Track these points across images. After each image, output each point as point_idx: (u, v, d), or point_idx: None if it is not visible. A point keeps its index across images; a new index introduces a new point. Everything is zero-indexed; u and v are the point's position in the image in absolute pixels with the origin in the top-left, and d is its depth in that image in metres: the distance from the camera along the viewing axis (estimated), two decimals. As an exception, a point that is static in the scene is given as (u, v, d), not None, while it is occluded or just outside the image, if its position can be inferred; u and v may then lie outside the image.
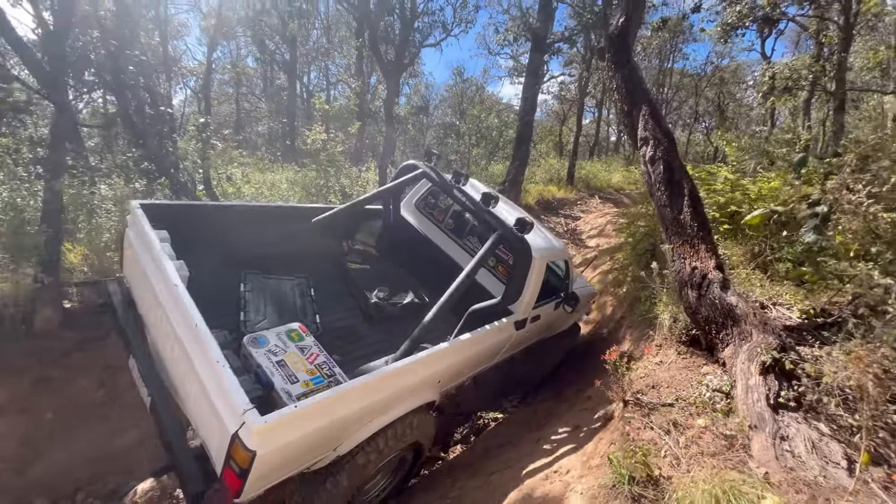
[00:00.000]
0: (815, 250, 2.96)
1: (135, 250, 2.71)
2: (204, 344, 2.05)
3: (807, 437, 1.94)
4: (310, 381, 2.41)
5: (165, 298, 2.36)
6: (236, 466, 1.86)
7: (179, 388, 2.34)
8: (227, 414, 1.88)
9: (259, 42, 18.94)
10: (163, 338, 2.46)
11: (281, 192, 8.69)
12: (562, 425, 3.55)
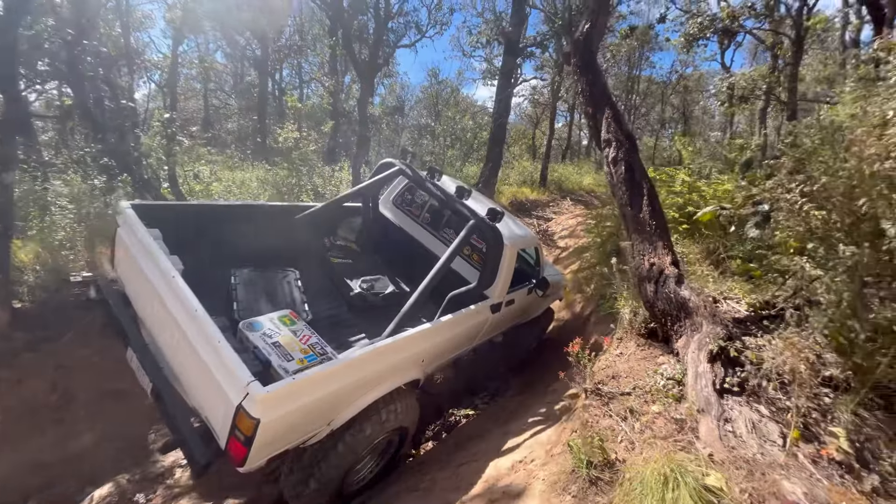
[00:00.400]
0: (759, 246, 3.17)
1: (129, 248, 2.85)
2: (205, 326, 2.24)
3: (748, 418, 2.08)
4: (304, 358, 2.63)
5: (164, 290, 2.52)
6: (241, 435, 2.04)
7: (180, 374, 2.51)
8: (231, 387, 2.07)
9: (229, 37, 18.46)
10: (160, 328, 2.64)
11: (251, 190, 8.51)
12: (528, 417, 3.65)
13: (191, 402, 2.45)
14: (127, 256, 2.89)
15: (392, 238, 4.79)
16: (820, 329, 2.04)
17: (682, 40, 17.77)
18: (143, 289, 2.73)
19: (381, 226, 4.85)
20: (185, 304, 2.36)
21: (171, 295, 2.47)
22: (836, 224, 2.11)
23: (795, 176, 2.24)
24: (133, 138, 7.56)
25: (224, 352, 2.13)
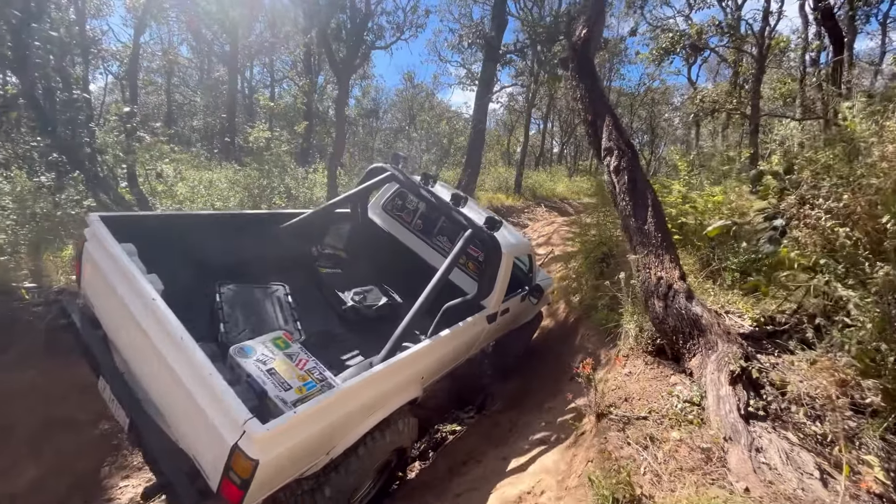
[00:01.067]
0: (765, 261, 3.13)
1: (98, 265, 2.52)
2: (192, 357, 1.99)
3: (780, 448, 1.96)
4: (302, 386, 2.37)
5: (142, 314, 2.22)
6: (237, 478, 1.83)
7: (161, 406, 2.22)
8: (225, 425, 1.85)
9: (195, 30, 17.58)
10: (137, 355, 2.35)
11: (220, 191, 7.99)
12: (527, 439, 3.45)
13: (175, 438, 2.18)
14: (97, 275, 2.54)
15: (382, 246, 4.60)
16: (851, 351, 1.95)
17: (653, 53, 18.38)
18: (117, 312, 2.41)
19: (371, 233, 4.66)
20: (168, 331, 2.09)
21: (151, 321, 2.18)
22: (860, 241, 2.03)
23: (816, 191, 2.16)
24: (87, 133, 6.92)
25: (216, 385, 1.89)
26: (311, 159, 15.08)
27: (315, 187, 11.35)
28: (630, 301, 3.30)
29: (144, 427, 2.19)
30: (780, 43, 14.51)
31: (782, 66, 18.50)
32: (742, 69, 17.39)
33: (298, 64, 19.89)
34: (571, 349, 5.32)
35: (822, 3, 9.80)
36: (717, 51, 19.32)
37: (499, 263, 3.57)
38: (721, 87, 19.16)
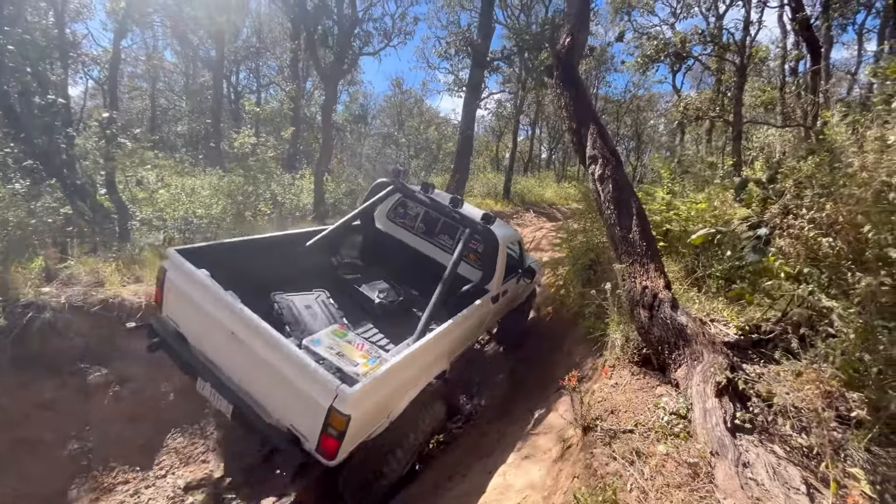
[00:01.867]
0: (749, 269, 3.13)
1: (183, 290, 3.05)
2: (285, 348, 2.57)
3: (767, 462, 1.93)
4: (366, 362, 3.05)
5: (236, 323, 2.76)
6: (334, 431, 2.36)
7: (254, 393, 2.77)
8: (321, 393, 2.40)
9: (180, 35, 17.36)
10: (228, 356, 2.89)
11: (202, 198, 7.82)
12: (512, 452, 3.39)
13: (270, 415, 2.69)
14: (182, 297, 3.08)
15: (392, 249, 5.18)
16: (836, 362, 1.93)
17: (639, 61, 18.68)
18: (207, 324, 2.94)
19: (380, 240, 5.26)
20: (261, 332, 2.66)
21: (244, 326, 2.73)
22: (843, 251, 2.02)
23: (800, 200, 2.16)
24: (65, 139, 6.74)
25: (309, 364, 2.49)
26: (297, 165, 14.93)
27: (302, 193, 11.22)
28: (616, 310, 3.27)
29: (246, 410, 2.72)
30: (759, 52, 14.85)
31: (762, 75, 18.95)
32: (724, 77, 17.76)
33: (285, 69, 19.77)
34: (560, 357, 5.29)
35: (799, 14, 10.03)
36: (700, 59, 19.75)
37: (496, 252, 4.24)
38: (704, 95, 19.55)
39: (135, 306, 4.24)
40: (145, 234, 6.72)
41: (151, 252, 5.32)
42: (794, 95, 12.72)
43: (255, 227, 7.42)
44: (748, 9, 15.87)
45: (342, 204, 12.16)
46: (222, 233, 6.93)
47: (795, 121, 11.38)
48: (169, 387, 4.10)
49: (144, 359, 4.15)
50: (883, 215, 2.00)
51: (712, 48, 17.55)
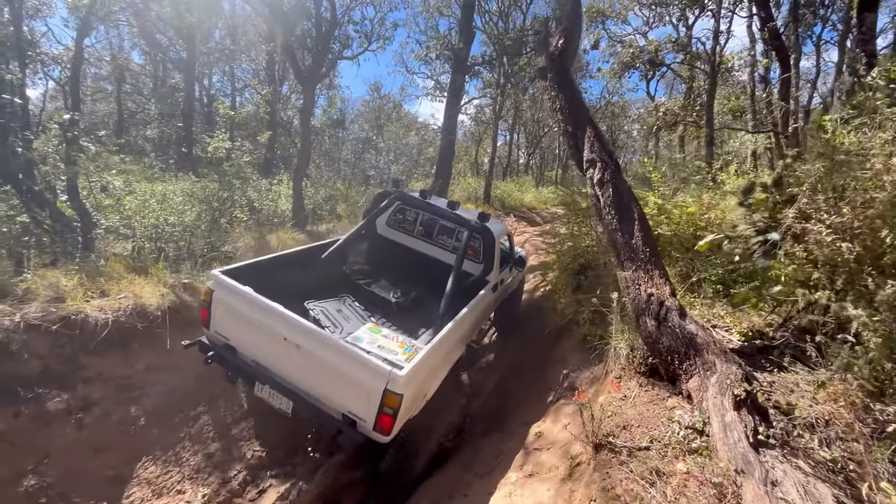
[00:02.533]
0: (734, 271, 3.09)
1: (233, 306, 3.41)
2: (339, 346, 3.03)
3: (796, 480, 1.84)
4: (404, 350, 3.60)
5: (290, 330, 3.15)
6: (390, 409, 2.80)
7: (308, 389, 3.17)
8: (376, 378, 2.83)
9: (148, 35, 16.67)
10: (281, 360, 3.26)
11: (174, 205, 7.40)
12: (514, 470, 3.23)
13: (326, 405, 3.12)
14: (231, 313, 3.43)
15: (395, 252, 5.72)
16: (863, 372, 1.86)
17: (614, 68, 19.08)
18: (259, 334, 3.32)
19: (384, 245, 5.81)
20: (315, 334, 3.11)
21: (298, 331, 3.13)
22: (862, 256, 1.96)
23: (815, 205, 2.09)
24: (22, 142, 6.25)
25: (362, 356, 2.96)
26: (274, 170, 14.49)
27: (279, 199, 10.85)
28: (619, 318, 3.17)
29: (305, 404, 3.15)
30: (729, 61, 15.37)
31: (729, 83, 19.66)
32: (696, 84, 18.32)
33: (261, 72, 19.26)
34: (553, 365, 5.17)
35: (769, 24, 10.38)
36: (672, 67, 20.36)
37: (493, 246, 4.86)
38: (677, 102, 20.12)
39: (100, 323, 3.89)
40: (111, 244, 6.28)
41: (119, 263, 4.94)
42: (765, 102, 13.17)
43: (231, 234, 7.07)
44: (717, 19, 16.44)
45: (321, 210, 11.84)
46: (196, 241, 6.56)
47: (767, 126, 11.77)
48: (139, 410, 3.76)
49: (112, 381, 3.82)
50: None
51: (683, 57, 18.13)
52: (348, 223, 10.89)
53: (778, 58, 11.33)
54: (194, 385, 4.23)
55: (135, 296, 4.37)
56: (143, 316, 4.22)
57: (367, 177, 19.41)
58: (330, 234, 8.82)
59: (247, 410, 4.30)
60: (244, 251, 6.41)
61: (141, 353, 4.14)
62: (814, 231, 2.13)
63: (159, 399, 3.94)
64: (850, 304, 1.99)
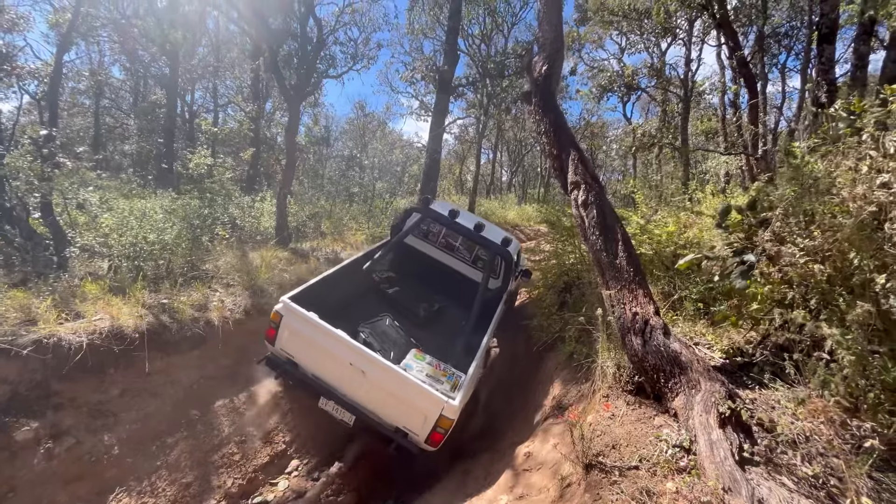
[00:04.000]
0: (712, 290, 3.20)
1: (299, 330, 3.86)
2: (401, 376, 3.65)
3: (781, 497, 1.88)
4: (447, 379, 4.11)
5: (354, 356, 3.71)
6: (441, 429, 3.55)
7: (369, 405, 3.79)
8: (433, 405, 3.53)
9: (130, 51, 16.53)
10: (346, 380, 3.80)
11: (154, 222, 7.24)
12: (505, 492, 3.20)
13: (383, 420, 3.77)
14: (298, 335, 3.88)
15: (419, 261, 6.37)
16: (839, 389, 1.93)
17: (593, 91, 19.77)
18: (325, 356, 3.84)
19: (410, 253, 6.38)
20: (380, 364, 3.67)
21: (364, 361, 3.68)
22: (833, 277, 2.06)
23: (788, 228, 2.20)
24: (-7, 157, 6.04)
25: (424, 387, 3.61)
26: (257, 187, 14.35)
27: (263, 216, 10.73)
28: (606, 337, 3.22)
29: (365, 418, 3.77)
30: (701, 86, 16.14)
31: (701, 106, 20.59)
32: (669, 108, 19.12)
33: (245, 89, 19.23)
34: (541, 383, 5.18)
35: (737, 53, 10.96)
36: (647, 91, 21.23)
37: (511, 266, 5.74)
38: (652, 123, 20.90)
39: (74, 347, 3.74)
40: (87, 263, 6.08)
41: (95, 283, 4.78)
42: (736, 126, 13.81)
43: (213, 252, 6.93)
44: (688, 47, 17.30)
45: (305, 227, 11.74)
46: (177, 259, 6.41)
47: (738, 148, 12.32)
48: (113, 438, 3.60)
49: (84, 407, 3.66)
50: (866, 242, 2.08)
51: (657, 81, 18.95)
52: (332, 241, 10.82)
53: (746, 84, 11.91)
54: (171, 411, 4.08)
55: (111, 317, 4.22)
56: (120, 338, 4.07)
57: (351, 194, 19.39)
58: (314, 252, 8.74)
59: (226, 436, 4.16)
60: (226, 269, 6.29)
61: (116, 377, 3.99)
62: (787, 253, 2.23)
63: (134, 426, 3.78)
64: (823, 323, 2.09)
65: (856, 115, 2.48)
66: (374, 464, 4.55)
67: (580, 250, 5.82)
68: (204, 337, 4.89)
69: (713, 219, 3.32)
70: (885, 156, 2.04)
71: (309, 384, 3.92)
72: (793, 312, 2.24)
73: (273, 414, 4.64)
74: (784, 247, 2.32)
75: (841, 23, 7.11)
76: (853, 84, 6.18)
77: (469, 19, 16.95)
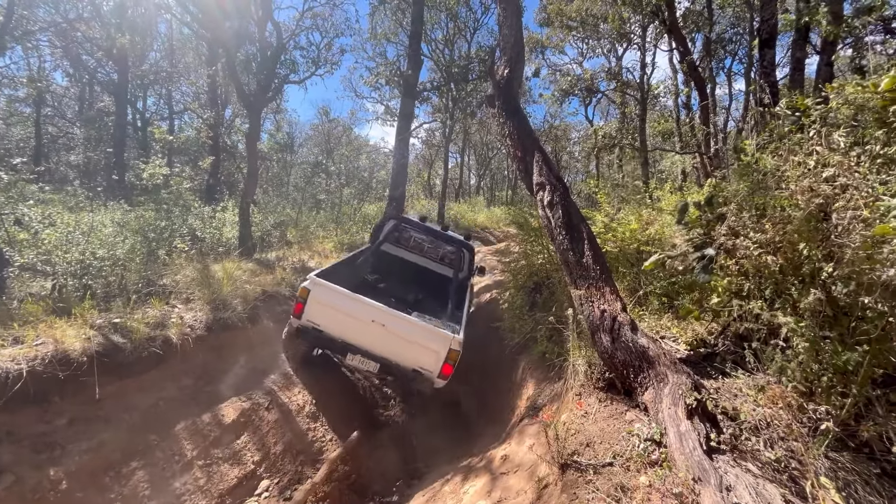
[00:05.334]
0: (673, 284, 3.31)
1: (327, 300, 4.49)
2: (416, 322, 4.49)
3: (747, 483, 1.93)
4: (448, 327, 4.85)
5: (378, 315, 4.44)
6: (451, 361, 4.32)
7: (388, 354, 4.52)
8: (442, 341, 4.34)
9: (72, 56, 15.58)
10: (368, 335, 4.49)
11: (103, 236, 6.80)
12: (483, 497, 3.16)
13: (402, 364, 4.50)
14: (325, 306, 4.50)
15: (396, 264, 7.45)
16: (796, 375, 2.01)
17: (555, 95, 20.26)
18: (350, 318, 4.48)
19: (387, 258, 7.40)
20: (399, 316, 4.47)
21: (382, 314, 4.42)
22: (785, 267, 2.16)
23: (742, 222, 2.29)
24: (-86, 172, 5.51)
25: (434, 328, 4.46)
26: (218, 196, 13.81)
27: (225, 227, 10.31)
28: (576, 335, 3.26)
29: (387, 364, 4.49)
30: (656, 88, 16.87)
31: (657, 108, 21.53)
32: (628, 110, 19.90)
33: (202, 95, 18.52)
34: (514, 385, 5.19)
35: (687, 58, 11.51)
36: (606, 94, 21.98)
37: (473, 258, 7.08)
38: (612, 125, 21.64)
39: (13, 375, 3.43)
40: (27, 283, 5.63)
41: (36, 304, 4.42)
42: (689, 126, 14.51)
43: (171, 266, 6.58)
44: (643, 51, 18.04)
45: (270, 236, 11.39)
46: (130, 275, 6.04)
47: (693, 148, 12.94)
48: (60, 472, 3.32)
49: (26, 440, 3.36)
50: (814, 233, 2.19)
51: (615, 84, 19.66)
52: (299, 249, 10.53)
53: (696, 87, 12.53)
54: (127, 438, 3.81)
55: (55, 341, 3.91)
56: (66, 363, 3.77)
57: (318, 201, 18.99)
58: (280, 262, 8.47)
59: (189, 461, 3.93)
60: (186, 284, 5.97)
61: (63, 406, 3.69)
62: (742, 246, 2.33)
63: (85, 457, 3.50)
64: (778, 311, 2.18)
65: (800, 112, 2.63)
66: (349, 475, 4.42)
67: (548, 250, 5.90)
68: (162, 356, 4.62)
69: (672, 215, 3.43)
70: (830, 150, 2.17)
71: (337, 346, 4.57)
72: (749, 303, 2.33)
73: (241, 433, 4.43)
74: (738, 240, 2.42)
75: (780, 28, 7.60)
76: (792, 85, 6.60)
77: (432, 24, 17.02)
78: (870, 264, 1.82)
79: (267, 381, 5.21)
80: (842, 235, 1.94)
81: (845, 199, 1.98)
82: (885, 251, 1.73)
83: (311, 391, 5.32)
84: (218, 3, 9.42)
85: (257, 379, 5.24)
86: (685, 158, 13.43)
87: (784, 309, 2.19)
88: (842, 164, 1.99)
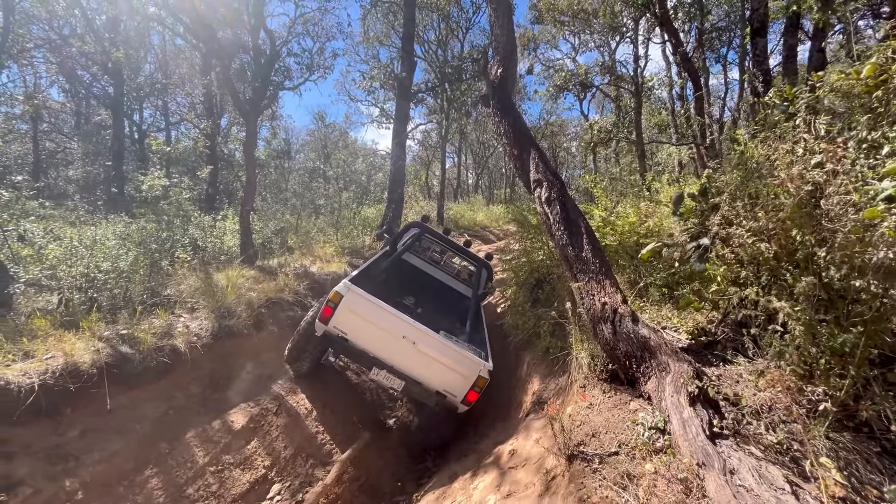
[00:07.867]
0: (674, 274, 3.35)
1: (359, 308, 4.30)
2: (448, 345, 4.31)
3: (750, 466, 1.98)
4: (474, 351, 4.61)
5: (410, 332, 4.29)
6: (477, 388, 4.28)
7: (413, 373, 4.38)
8: (472, 367, 4.25)
9: (68, 71, 15.66)
10: (396, 351, 4.34)
11: (107, 249, 6.86)
12: (492, 492, 3.21)
13: (427, 385, 4.38)
14: (355, 313, 4.31)
15: (410, 273, 7.16)
16: (793, 358, 2.05)
17: (550, 91, 20.29)
18: (379, 331, 4.32)
19: (403, 266, 7.07)
20: (431, 336, 4.30)
21: (415, 331, 4.28)
22: (779, 254, 2.20)
23: (735, 211, 2.33)
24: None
25: (466, 353, 4.30)
26: (217, 205, 13.88)
27: (226, 235, 10.37)
28: (578, 329, 3.30)
29: (412, 383, 4.36)
30: (650, 81, 16.90)
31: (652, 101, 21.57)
32: (623, 103, 19.93)
33: (198, 105, 18.58)
34: (519, 380, 5.24)
35: (680, 50, 11.54)
36: (601, 88, 22.00)
37: (491, 277, 6.99)
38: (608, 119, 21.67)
39: (25, 389, 3.48)
40: (34, 299, 5.69)
41: (43, 319, 4.47)
42: (684, 118, 14.55)
43: (174, 276, 6.64)
44: (636, 45, 18.07)
45: (271, 243, 11.44)
46: (134, 287, 6.09)
47: (688, 139, 12.97)
48: (75, 483, 3.37)
49: (41, 453, 3.41)
50: (806, 219, 2.23)
51: (609, 79, 19.69)
52: (300, 255, 10.58)
53: (690, 78, 12.55)
54: (139, 447, 3.87)
55: (65, 354, 3.97)
56: (76, 376, 3.83)
57: (317, 206, 19.06)
58: (282, 268, 8.52)
59: (201, 467, 3.98)
60: (190, 293, 6.03)
61: (75, 417, 3.74)
62: (737, 234, 2.37)
63: (98, 467, 3.55)
64: (774, 297, 2.22)
65: (788, 101, 2.67)
66: (359, 476, 4.47)
67: (548, 246, 5.95)
68: (170, 365, 4.67)
69: (670, 207, 3.47)
70: (817, 138, 2.21)
71: (363, 356, 4.39)
72: (746, 290, 2.38)
73: (251, 438, 4.48)
74: (732, 229, 2.47)
75: (771, 16, 7.63)
76: (785, 73, 6.63)
77: (424, 25, 17.07)
78: (861, 247, 1.86)
79: (274, 387, 5.25)
80: (833, 220, 1.99)
81: (836, 185, 2.03)
82: (875, 234, 1.77)
83: (318, 394, 5.37)
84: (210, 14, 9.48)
85: (265, 384, 5.29)
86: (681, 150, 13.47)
87: (780, 294, 2.23)
88: (828, 150, 2.03)
